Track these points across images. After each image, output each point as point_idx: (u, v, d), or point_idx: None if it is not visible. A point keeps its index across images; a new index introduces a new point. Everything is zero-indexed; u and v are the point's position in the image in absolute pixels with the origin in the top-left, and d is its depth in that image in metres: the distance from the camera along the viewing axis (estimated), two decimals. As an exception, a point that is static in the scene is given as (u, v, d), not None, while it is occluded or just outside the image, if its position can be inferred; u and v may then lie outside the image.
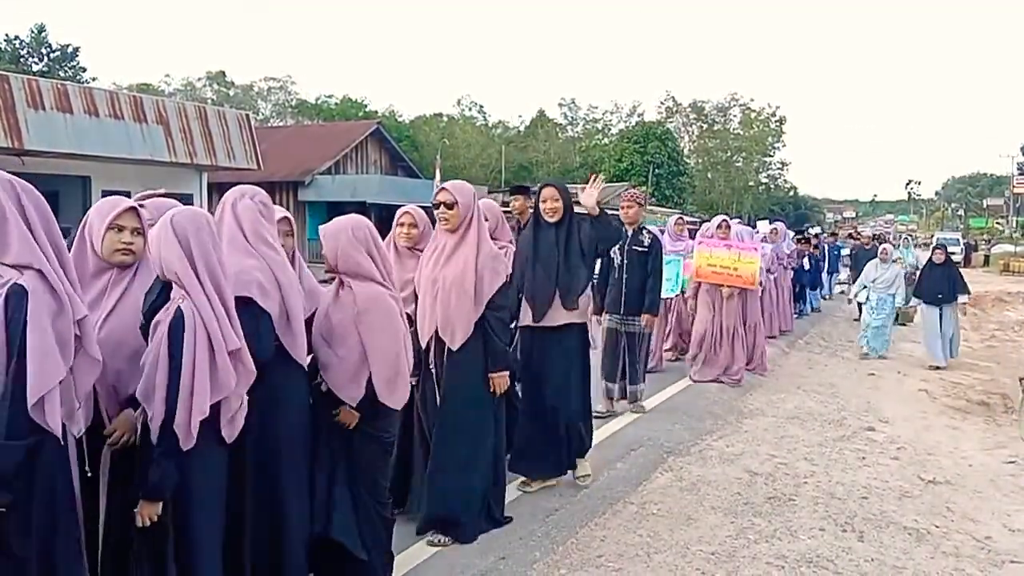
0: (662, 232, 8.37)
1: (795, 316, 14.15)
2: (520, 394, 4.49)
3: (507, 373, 3.86)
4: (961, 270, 11.16)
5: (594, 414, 5.13)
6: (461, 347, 3.70)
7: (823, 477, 5.24)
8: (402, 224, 4.01)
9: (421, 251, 3.95)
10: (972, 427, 7.09)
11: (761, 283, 8.78)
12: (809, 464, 5.53)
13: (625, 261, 6.27)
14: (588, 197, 4.51)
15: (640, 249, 6.28)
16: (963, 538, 4.32)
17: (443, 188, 3.76)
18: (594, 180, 4.60)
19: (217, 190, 26.95)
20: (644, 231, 6.37)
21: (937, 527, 4.45)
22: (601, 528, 4.17)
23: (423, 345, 3.76)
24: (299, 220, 24.06)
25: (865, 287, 10.94)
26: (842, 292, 17.91)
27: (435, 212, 3.78)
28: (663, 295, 7.00)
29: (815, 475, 5.27)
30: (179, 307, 2.36)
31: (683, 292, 8.55)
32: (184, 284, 2.37)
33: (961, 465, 5.77)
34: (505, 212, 4.88)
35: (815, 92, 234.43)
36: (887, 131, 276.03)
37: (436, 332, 3.73)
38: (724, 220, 8.35)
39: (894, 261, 11.50)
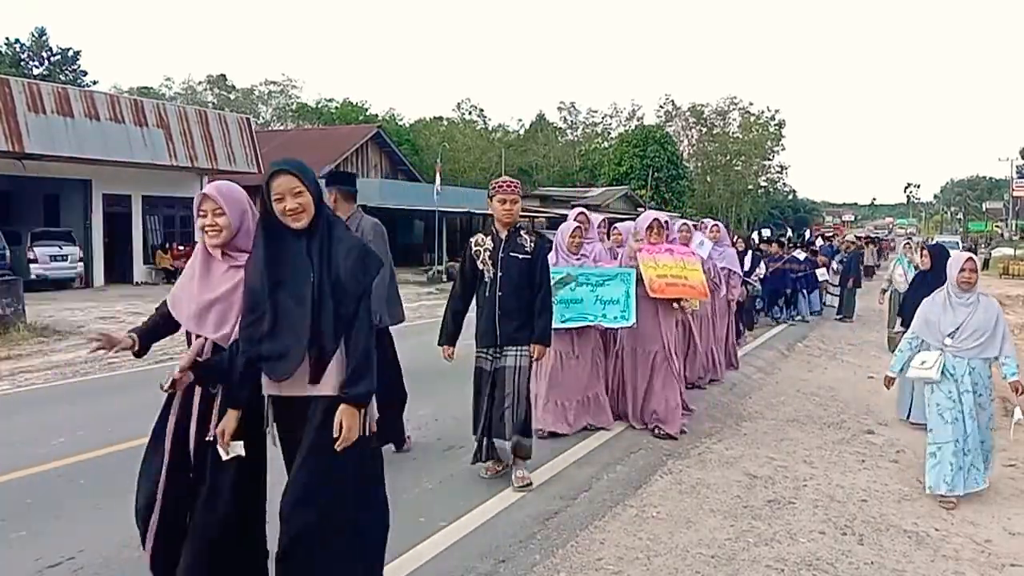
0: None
1: (792, 321, 14.20)
2: None
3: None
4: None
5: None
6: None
7: (823, 480, 5.25)
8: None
9: (231, 255, 2.84)
10: (972, 430, 7.08)
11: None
12: (809, 467, 5.54)
13: (500, 274, 4.61)
14: None
15: (521, 256, 4.63)
16: (963, 541, 4.32)
17: (205, 195, 2.82)
18: None
19: (217, 193, 26.99)
20: (522, 232, 4.74)
21: (937, 530, 4.46)
22: (601, 531, 4.17)
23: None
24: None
25: (937, 349, 4.99)
26: (830, 305, 16.26)
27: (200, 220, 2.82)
28: (611, 325, 5.87)
29: (815, 478, 5.28)
30: None
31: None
32: None
33: (961, 468, 5.77)
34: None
35: (814, 95, 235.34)
36: (886, 134, 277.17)
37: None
38: (656, 220, 6.29)
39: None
